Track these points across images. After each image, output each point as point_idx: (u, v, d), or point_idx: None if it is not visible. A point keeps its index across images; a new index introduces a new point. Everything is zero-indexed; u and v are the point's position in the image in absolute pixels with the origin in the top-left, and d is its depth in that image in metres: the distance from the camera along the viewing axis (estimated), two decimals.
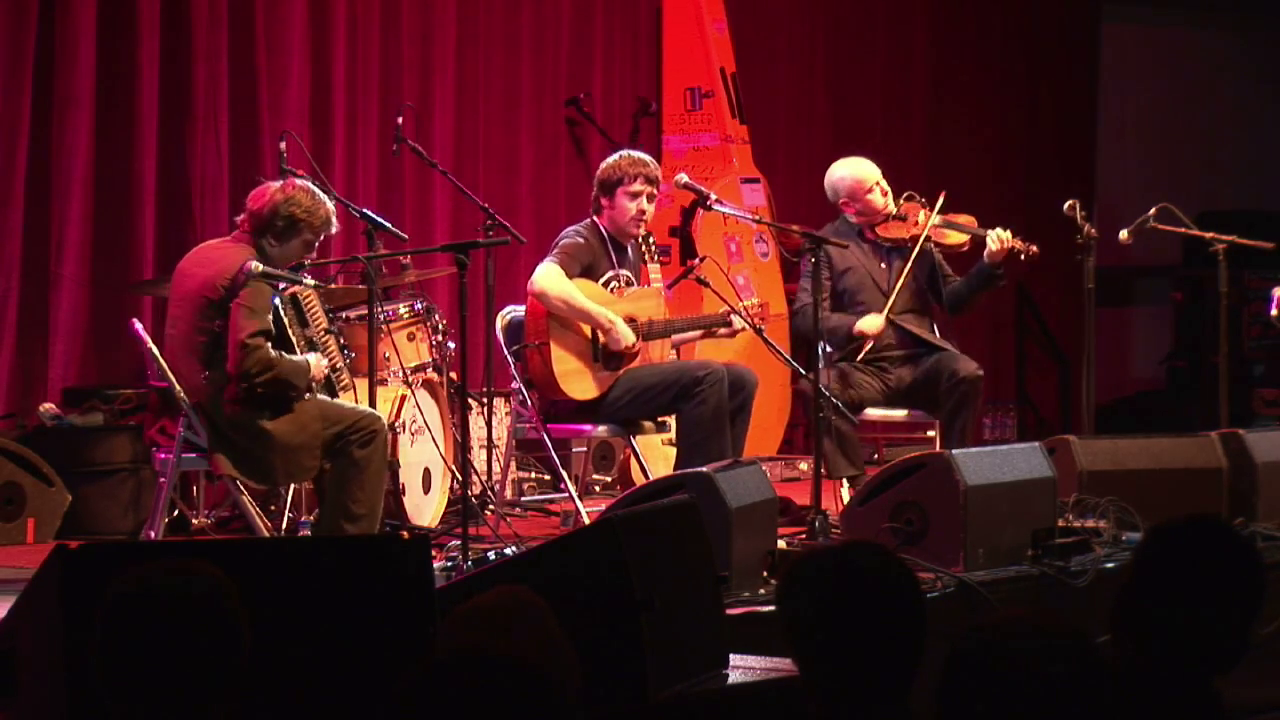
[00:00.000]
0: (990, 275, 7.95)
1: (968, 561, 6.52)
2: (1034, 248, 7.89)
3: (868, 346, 7.82)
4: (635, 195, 7.50)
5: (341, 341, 7.04)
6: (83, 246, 8.35)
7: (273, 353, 6.56)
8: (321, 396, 6.75)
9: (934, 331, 8.01)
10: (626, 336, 7.42)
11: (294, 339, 6.69)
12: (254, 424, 6.58)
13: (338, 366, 6.90)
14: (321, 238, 6.84)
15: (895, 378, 7.88)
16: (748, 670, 4.97)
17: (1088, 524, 7.01)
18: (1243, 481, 7.49)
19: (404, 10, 9.48)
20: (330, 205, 6.84)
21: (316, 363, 6.71)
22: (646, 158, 7.66)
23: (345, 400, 6.89)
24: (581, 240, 7.52)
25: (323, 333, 6.86)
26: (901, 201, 8.01)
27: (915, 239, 7.88)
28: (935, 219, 7.88)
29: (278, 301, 6.67)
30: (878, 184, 7.98)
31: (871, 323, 7.84)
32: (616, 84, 10.46)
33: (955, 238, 7.94)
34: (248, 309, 6.57)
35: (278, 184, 6.85)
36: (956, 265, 8.14)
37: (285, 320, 6.68)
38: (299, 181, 6.89)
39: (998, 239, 7.82)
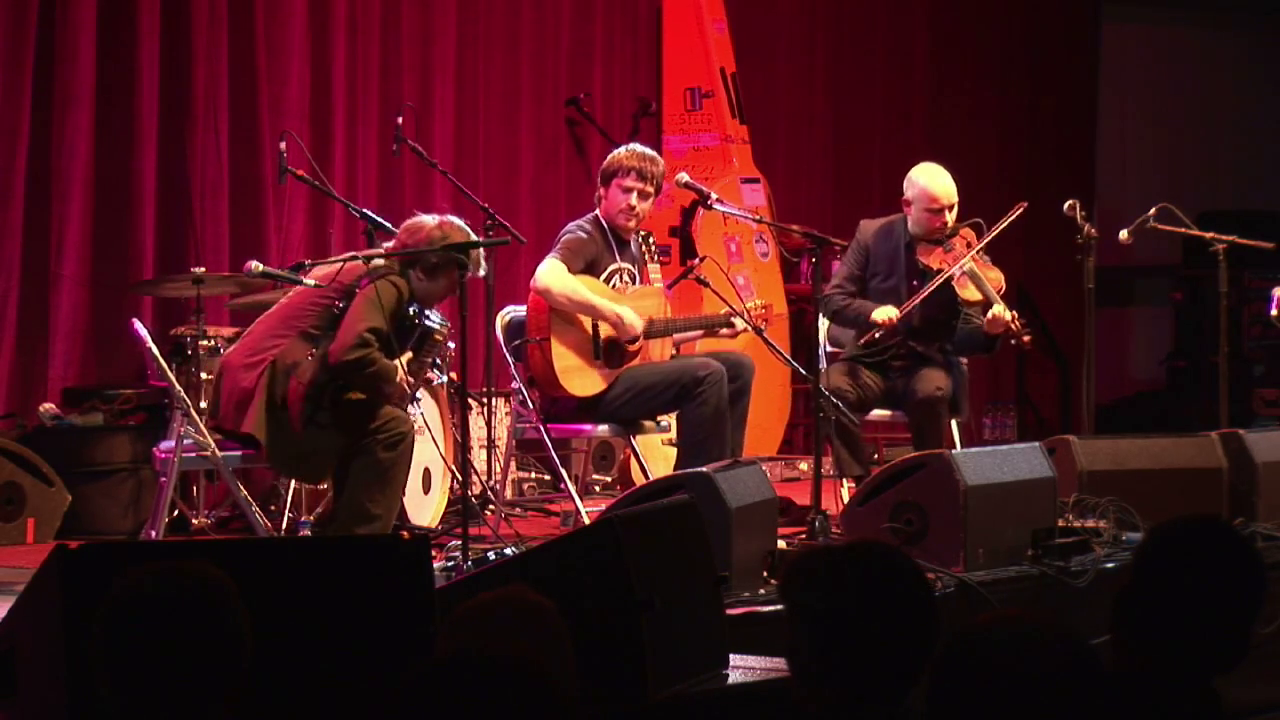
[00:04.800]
0: (982, 344, 7.81)
1: (968, 561, 6.52)
2: (1028, 338, 7.69)
3: (877, 335, 7.76)
4: (627, 190, 7.50)
5: (419, 396, 7.00)
6: (83, 246, 8.35)
7: (377, 353, 6.56)
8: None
9: (940, 352, 7.88)
10: (635, 323, 7.41)
11: (398, 351, 6.69)
12: (315, 417, 6.57)
13: (404, 404, 6.81)
14: (468, 276, 6.78)
15: (891, 383, 7.85)
16: (748, 670, 4.97)
17: (1088, 524, 7.01)
18: (1243, 481, 7.49)
19: (404, 11, 9.48)
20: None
21: (402, 369, 6.71)
22: (650, 154, 7.63)
23: None
24: (584, 235, 7.51)
25: (421, 375, 6.85)
26: (961, 227, 7.83)
27: (939, 274, 7.75)
28: (966, 264, 7.65)
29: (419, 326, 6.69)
30: (944, 209, 7.75)
31: (885, 313, 7.75)
32: (616, 84, 10.47)
33: (971, 294, 7.68)
34: (373, 302, 6.58)
35: (434, 219, 6.81)
36: None
37: (401, 333, 6.69)
38: (453, 219, 6.86)
39: (1002, 312, 7.61)
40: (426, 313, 6.78)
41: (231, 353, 6.82)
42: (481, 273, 6.94)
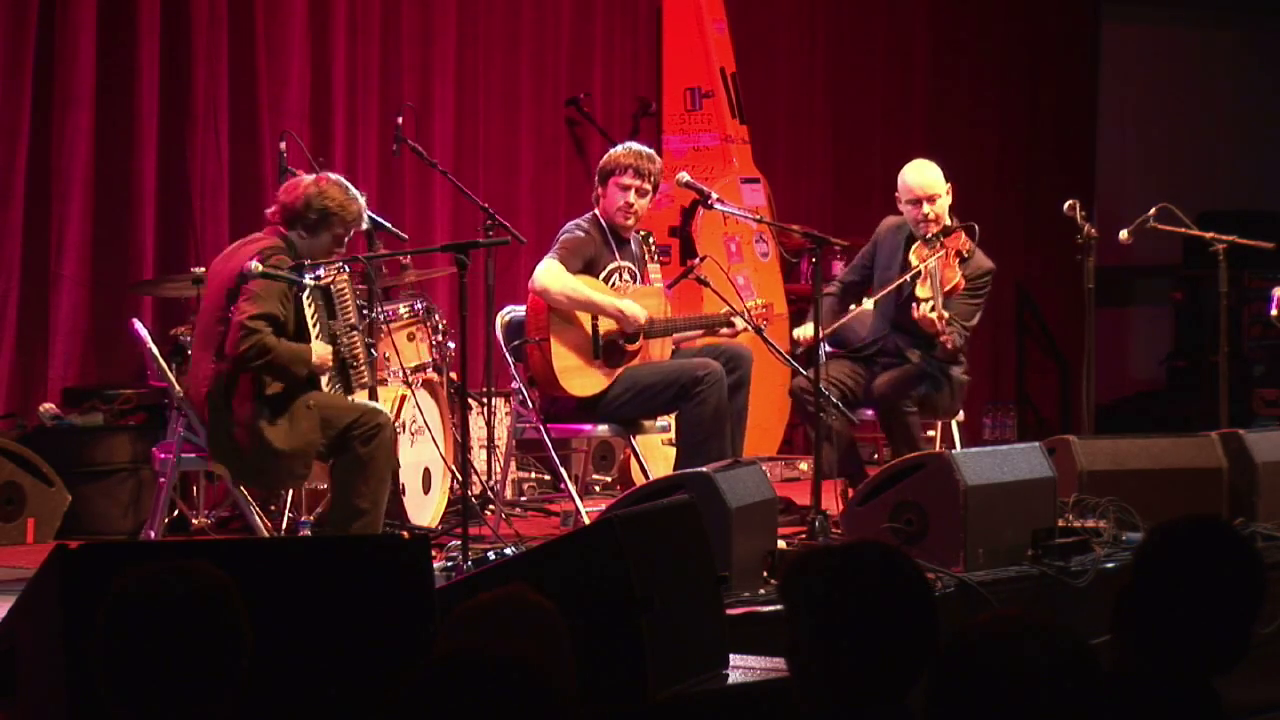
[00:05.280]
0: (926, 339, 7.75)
1: (968, 561, 6.53)
2: (945, 338, 7.53)
3: (798, 350, 7.77)
4: (625, 188, 7.51)
5: (369, 339, 7.01)
6: (83, 246, 8.35)
7: (271, 339, 6.54)
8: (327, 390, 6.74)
9: (917, 349, 7.83)
10: (639, 313, 7.42)
11: (313, 329, 6.68)
12: (255, 424, 6.57)
13: (358, 364, 6.86)
14: (351, 233, 6.82)
15: (873, 378, 7.84)
16: (748, 670, 4.97)
17: (1088, 524, 7.01)
18: (1243, 481, 7.50)
19: (404, 11, 9.48)
20: (362, 200, 6.83)
21: (320, 351, 6.68)
22: (646, 151, 7.64)
23: (360, 398, 6.86)
24: (582, 234, 7.52)
25: (349, 328, 6.84)
26: (956, 228, 7.75)
27: (910, 269, 7.74)
28: (932, 263, 7.61)
29: (308, 290, 6.67)
30: (919, 200, 7.72)
31: (802, 331, 7.73)
32: (616, 84, 10.47)
33: (921, 292, 7.61)
34: (254, 294, 6.56)
35: (310, 177, 6.85)
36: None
37: (309, 310, 6.67)
38: (332, 176, 6.88)
39: (928, 311, 7.50)
40: (316, 274, 6.72)
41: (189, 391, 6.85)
42: (364, 226, 6.93)
